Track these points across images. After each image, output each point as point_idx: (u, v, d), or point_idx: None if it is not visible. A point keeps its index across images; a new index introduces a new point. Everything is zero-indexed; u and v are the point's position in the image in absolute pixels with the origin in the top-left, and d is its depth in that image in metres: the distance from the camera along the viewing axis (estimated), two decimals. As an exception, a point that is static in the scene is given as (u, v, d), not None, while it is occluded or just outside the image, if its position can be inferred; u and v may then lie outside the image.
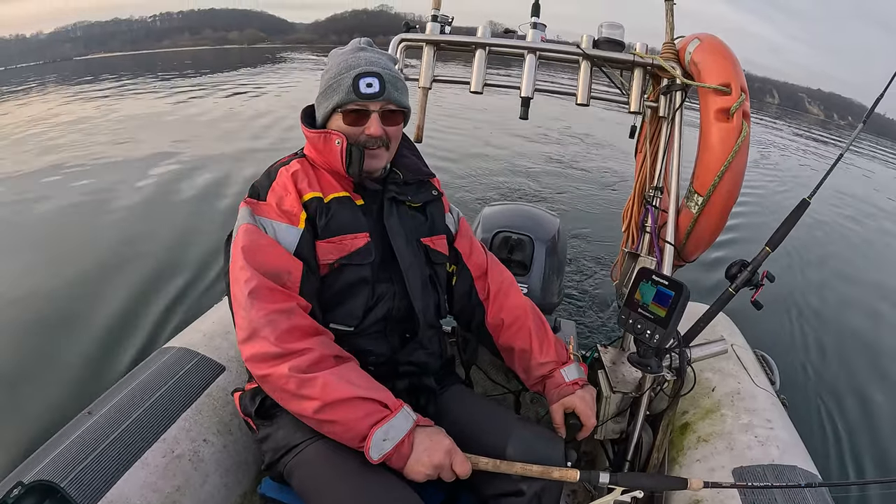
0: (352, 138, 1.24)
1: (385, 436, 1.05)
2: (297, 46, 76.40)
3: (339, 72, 1.23)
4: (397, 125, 1.30)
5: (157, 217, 5.41)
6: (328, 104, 1.25)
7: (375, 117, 1.24)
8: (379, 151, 1.28)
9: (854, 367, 3.91)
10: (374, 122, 1.24)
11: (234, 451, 1.49)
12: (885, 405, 3.49)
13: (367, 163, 1.26)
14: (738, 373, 1.76)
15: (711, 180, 1.46)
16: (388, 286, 1.29)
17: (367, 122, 1.24)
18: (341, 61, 1.25)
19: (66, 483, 1.13)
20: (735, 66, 1.50)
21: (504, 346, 1.48)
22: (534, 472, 1.12)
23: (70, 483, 1.14)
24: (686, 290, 1.23)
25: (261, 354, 1.07)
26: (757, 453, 1.42)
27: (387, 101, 1.24)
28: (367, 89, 1.21)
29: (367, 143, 1.25)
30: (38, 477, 1.10)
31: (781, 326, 4.15)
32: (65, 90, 18.63)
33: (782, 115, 56.12)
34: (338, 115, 1.25)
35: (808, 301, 4.83)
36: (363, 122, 1.24)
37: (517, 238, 2.11)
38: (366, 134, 1.24)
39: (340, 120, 1.25)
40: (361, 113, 1.24)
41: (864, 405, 3.46)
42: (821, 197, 1.39)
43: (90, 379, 2.87)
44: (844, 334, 4.37)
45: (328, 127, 1.28)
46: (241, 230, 1.17)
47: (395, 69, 1.29)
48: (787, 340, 3.98)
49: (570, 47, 1.72)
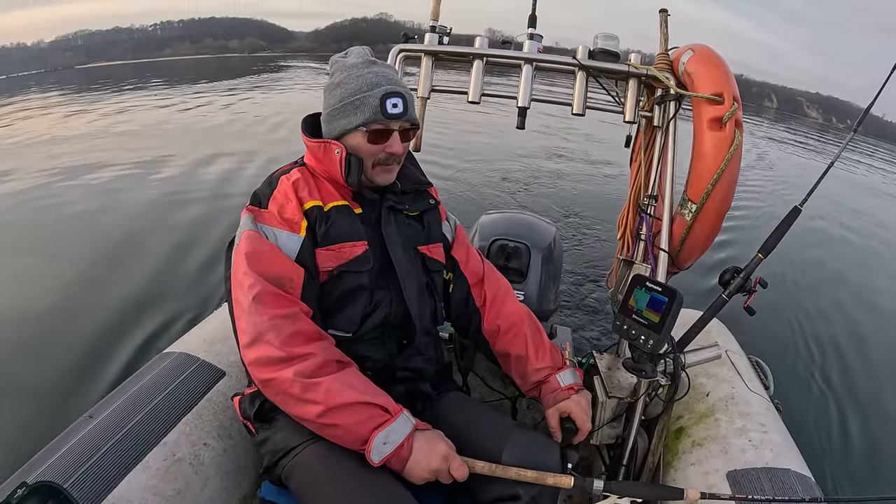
0: (370, 156, 1.27)
1: (386, 439, 1.07)
2: (297, 55, 76.45)
3: (360, 88, 1.24)
4: (409, 140, 1.33)
5: (156, 222, 5.43)
6: (350, 122, 1.25)
7: (397, 136, 1.27)
8: (394, 167, 1.31)
9: (847, 371, 3.93)
10: (396, 141, 1.26)
11: (234, 455, 1.50)
12: (878, 409, 3.51)
13: (383, 178, 1.30)
14: (732, 378, 1.78)
15: (705, 188, 1.48)
16: (386, 293, 1.31)
17: (389, 140, 1.26)
18: (359, 76, 1.25)
19: (69, 484, 1.15)
20: (727, 76, 1.53)
21: (500, 352, 1.50)
22: (529, 477, 1.14)
23: (72, 485, 1.15)
24: (679, 296, 1.25)
25: (265, 359, 1.08)
26: (751, 457, 1.43)
27: (407, 120, 1.27)
28: (394, 109, 1.23)
29: (386, 161, 1.28)
30: (41, 478, 1.12)
31: (775, 332, 4.17)
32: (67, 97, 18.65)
33: (780, 118, 56.27)
34: (359, 133, 1.25)
35: (801, 306, 4.86)
36: (384, 140, 1.26)
37: (514, 246, 2.13)
38: (386, 152, 1.27)
39: (361, 137, 1.25)
40: (385, 132, 1.26)
41: (857, 409, 3.47)
42: (814, 203, 1.41)
43: (90, 383, 2.88)
44: (838, 339, 4.39)
45: (346, 140, 1.28)
46: (244, 237, 1.19)
47: (411, 92, 1.31)
48: (781, 345, 4.00)
49: (565, 58, 1.76)
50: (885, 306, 5.27)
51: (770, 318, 4.30)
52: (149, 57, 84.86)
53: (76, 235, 5.11)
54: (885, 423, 3.36)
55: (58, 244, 4.88)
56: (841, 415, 3.38)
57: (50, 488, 0.77)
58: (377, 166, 1.29)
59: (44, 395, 2.78)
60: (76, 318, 3.56)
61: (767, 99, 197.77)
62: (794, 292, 5.10)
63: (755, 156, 13.93)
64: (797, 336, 4.31)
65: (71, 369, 3.02)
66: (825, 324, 4.63)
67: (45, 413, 2.63)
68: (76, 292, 3.91)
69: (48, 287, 3.93)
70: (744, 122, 1.53)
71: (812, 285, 5.41)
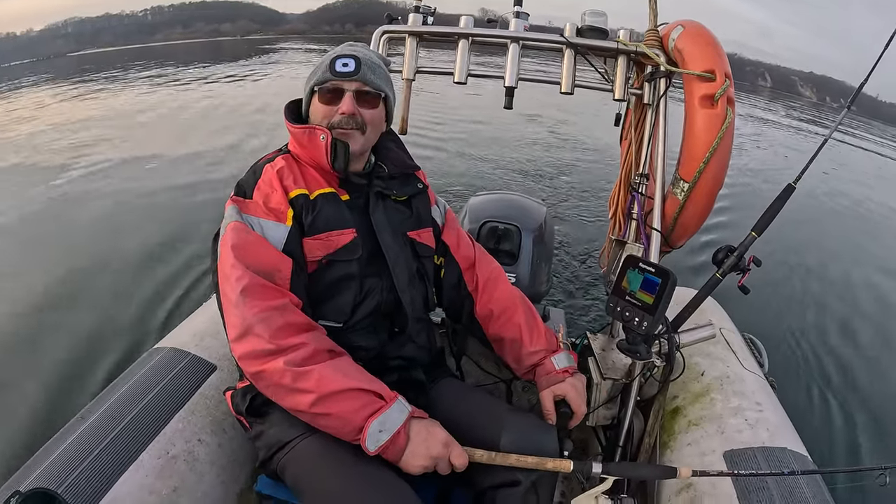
0: (326, 119, 1.26)
1: (381, 427, 1.06)
2: (289, 37, 75.44)
3: (323, 59, 1.28)
4: (373, 109, 1.30)
5: (140, 216, 5.35)
6: (308, 85, 1.30)
7: (349, 96, 1.26)
8: (352, 133, 1.27)
9: (842, 348, 3.97)
10: (346, 100, 1.26)
11: (228, 449, 1.49)
12: (873, 385, 3.55)
13: None
14: (726, 357, 1.79)
15: (697, 166, 1.47)
16: (376, 281, 1.30)
17: (341, 101, 1.26)
18: (328, 53, 1.29)
19: (63, 489, 1.14)
20: (719, 53, 1.50)
21: (494, 336, 1.49)
22: (529, 463, 1.14)
23: (66, 489, 1.14)
24: (673, 276, 1.24)
25: (255, 352, 1.07)
26: (747, 436, 1.44)
27: (362, 81, 1.26)
28: (343, 68, 1.25)
29: (340, 124, 1.26)
30: (35, 484, 1.10)
31: (770, 310, 4.19)
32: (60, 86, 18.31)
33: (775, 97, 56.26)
34: (315, 97, 1.29)
35: (796, 284, 4.90)
36: (338, 102, 1.26)
37: (504, 228, 2.12)
38: (339, 113, 1.26)
39: (317, 100, 1.28)
40: (336, 92, 1.26)
41: (852, 386, 3.52)
42: (808, 181, 1.40)
43: (80, 382, 2.84)
44: (832, 316, 4.44)
45: (309, 111, 1.31)
46: (230, 228, 1.17)
47: (377, 59, 1.32)
48: (775, 324, 4.02)
49: (553, 36, 1.72)
50: (878, 283, 5.31)
51: (765, 297, 4.33)
52: (141, 42, 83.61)
53: (56, 231, 5.04)
54: (879, 399, 3.40)
55: (39, 240, 4.79)
56: (836, 392, 3.42)
57: (44, 495, 0.75)
58: (336, 130, 1.26)
59: (31, 398, 2.75)
60: (62, 316, 3.51)
61: (761, 78, 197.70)
62: (788, 271, 5.13)
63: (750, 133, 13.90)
64: (792, 314, 4.35)
65: (59, 370, 2.97)
66: (820, 301, 4.68)
67: (35, 415, 2.60)
68: (60, 289, 3.84)
69: (30, 285, 3.85)
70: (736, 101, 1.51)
71: (806, 263, 5.44)
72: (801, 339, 3.97)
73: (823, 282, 5.11)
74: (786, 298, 4.57)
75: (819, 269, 5.39)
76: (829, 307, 4.59)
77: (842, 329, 4.23)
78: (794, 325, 4.16)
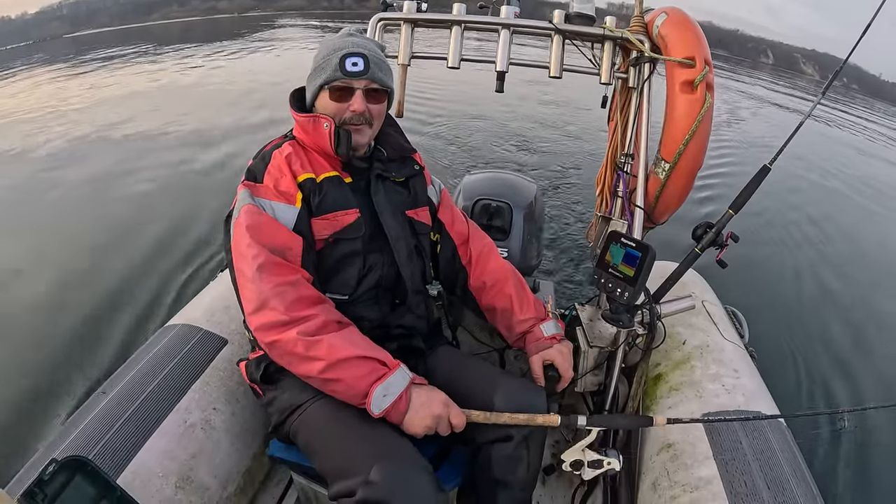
0: (337, 115, 1.33)
1: (385, 391, 1.15)
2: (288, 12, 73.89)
3: (328, 53, 1.32)
4: (380, 104, 1.38)
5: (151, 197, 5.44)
6: (316, 82, 1.33)
7: (359, 95, 1.32)
8: (363, 128, 1.36)
9: (821, 320, 4.16)
10: (357, 99, 1.32)
11: (241, 417, 1.59)
12: (849, 355, 3.73)
13: (353, 139, 1.34)
14: (707, 327, 1.88)
15: (677, 148, 1.55)
16: (378, 256, 1.40)
17: (352, 99, 1.32)
18: (331, 44, 1.34)
19: (93, 456, 1.23)
20: (700, 40, 1.57)
21: (487, 306, 1.59)
22: (520, 420, 1.24)
23: (96, 456, 1.23)
24: (652, 251, 1.34)
25: (270, 323, 1.16)
26: (724, 400, 1.53)
27: (370, 80, 1.33)
28: (353, 68, 1.30)
29: (351, 120, 1.33)
30: (67, 453, 1.18)
31: (754, 284, 4.30)
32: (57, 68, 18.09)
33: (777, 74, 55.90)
34: (325, 93, 1.33)
35: (778, 259, 5.08)
36: (347, 99, 1.32)
37: (496, 205, 2.20)
38: (350, 111, 1.32)
39: (327, 97, 1.33)
40: (346, 90, 1.32)
41: (831, 355, 3.70)
42: (787, 161, 1.46)
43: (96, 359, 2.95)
44: (814, 289, 4.63)
45: (316, 104, 1.37)
46: (244, 210, 1.25)
47: (381, 54, 1.37)
48: (759, 297, 4.13)
49: (542, 22, 1.79)
50: (853, 258, 5.50)
51: (749, 271, 4.46)
52: (137, 22, 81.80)
53: (67, 214, 5.11)
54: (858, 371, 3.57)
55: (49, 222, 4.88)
56: (814, 361, 3.58)
57: (78, 462, 0.83)
58: (347, 126, 1.34)
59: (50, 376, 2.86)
60: (76, 296, 3.61)
61: (763, 55, 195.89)
62: (770, 247, 5.30)
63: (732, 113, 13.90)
64: (774, 287, 4.52)
65: (74, 348, 3.09)
66: (803, 274, 4.88)
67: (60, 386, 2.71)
68: (73, 270, 3.94)
69: (43, 266, 3.95)
70: (734, 82, 1.57)
71: (787, 239, 5.62)
72: (784, 311, 4.13)
73: (805, 257, 5.29)
74: (768, 273, 4.74)
75: (800, 244, 5.58)
76: (813, 280, 4.80)
77: (824, 301, 4.44)
78: (778, 298, 4.32)
